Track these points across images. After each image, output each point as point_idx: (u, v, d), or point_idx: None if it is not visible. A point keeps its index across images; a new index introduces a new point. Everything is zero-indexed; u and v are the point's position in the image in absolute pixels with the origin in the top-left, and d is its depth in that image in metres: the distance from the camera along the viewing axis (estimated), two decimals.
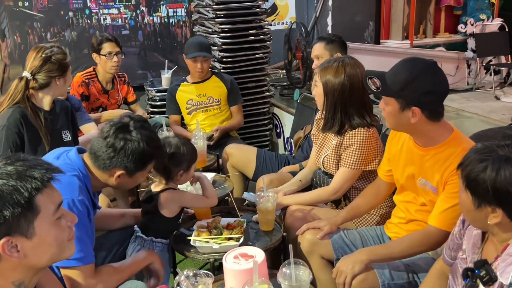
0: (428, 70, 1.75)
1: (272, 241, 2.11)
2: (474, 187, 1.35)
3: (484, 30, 5.57)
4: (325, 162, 2.46)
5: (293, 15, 5.72)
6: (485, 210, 1.35)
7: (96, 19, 4.89)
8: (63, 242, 1.21)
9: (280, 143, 4.47)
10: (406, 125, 1.81)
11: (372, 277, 1.85)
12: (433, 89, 1.74)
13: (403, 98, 1.75)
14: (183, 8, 5.13)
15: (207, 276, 1.63)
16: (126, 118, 1.84)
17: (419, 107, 1.74)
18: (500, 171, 1.30)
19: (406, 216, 2.02)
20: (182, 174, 2.12)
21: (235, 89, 3.72)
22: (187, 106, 3.65)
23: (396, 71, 1.79)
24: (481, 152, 1.37)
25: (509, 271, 1.31)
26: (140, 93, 4.62)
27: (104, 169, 1.81)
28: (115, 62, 3.59)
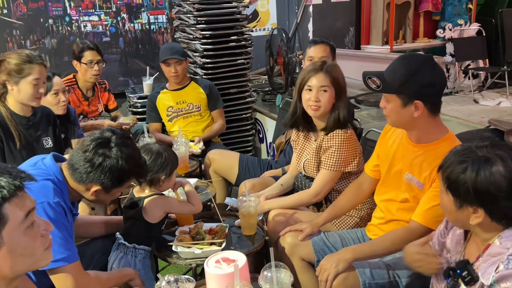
0: (426, 63, 1.78)
1: (254, 245, 2.11)
2: (455, 188, 1.37)
3: (462, 35, 5.68)
4: (305, 166, 2.47)
5: (274, 21, 5.75)
6: (466, 210, 1.37)
7: (77, 26, 4.86)
8: (37, 251, 1.18)
9: (263, 148, 4.48)
10: (408, 121, 1.82)
11: (353, 276, 1.87)
12: (433, 82, 1.77)
13: (405, 93, 1.77)
14: (164, 14, 5.13)
15: (189, 281, 1.63)
16: (108, 133, 1.80)
17: (421, 100, 1.76)
18: (480, 171, 1.32)
19: (386, 216, 2.04)
20: (164, 180, 2.12)
21: (214, 94, 3.71)
22: (168, 113, 3.64)
23: (394, 68, 1.81)
24: (461, 153, 1.39)
25: (490, 271, 1.32)
26: (122, 100, 4.60)
27: (80, 182, 1.78)
28: (95, 70, 3.57)
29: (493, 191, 1.31)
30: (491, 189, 1.31)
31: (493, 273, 1.31)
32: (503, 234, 1.36)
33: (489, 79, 5.62)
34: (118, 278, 1.93)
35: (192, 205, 2.17)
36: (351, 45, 5.73)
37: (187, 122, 3.63)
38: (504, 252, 1.33)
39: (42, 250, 1.19)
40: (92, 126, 3.46)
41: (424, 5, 5.70)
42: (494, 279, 1.30)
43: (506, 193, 1.32)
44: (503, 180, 1.31)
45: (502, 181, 1.31)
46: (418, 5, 5.73)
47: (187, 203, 2.19)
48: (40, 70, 2.46)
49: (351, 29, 5.70)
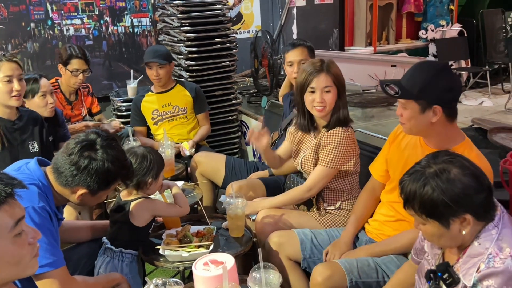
0: (443, 69, 1.82)
1: (243, 247, 2.10)
2: (434, 210, 1.36)
3: (444, 35, 5.75)
4: (303, 162, 2.46)
5: (259, 24, 5.76)
6: (455, 226, 1.36)
7: (59, 30, 4.81)
8: (24, 260, 1.16)
9: (249, 150, 4.48)
10: (426, 127, 1.83)
11: (339, 275, 1.88)
12: (452, 86, 1.80)
13: (424, 99, 1.77)
14: (147, 17, 5.11)
15: (177, 284, 1.62)
16: (93, 135, 1.78)
17: (440, 105, 1.77)
18: (445, 182, 1.34)
19: (396, 215, 2.05)
20: (151, 182, 2.10)
21: (200, 97, 3.70)
22: (153, 116, 3.62)
23: (412, 75, 1.83)
24: (416, 180, 1.39)
25: (472, 272, 1.34)
26: (106, 104, 4.56)
27: (66, 186, 1.76)
28: (79, 79, 3.54)
29: (465, 192, 1.33)
30: (463, 191, 1.33)
31: (474, 274, 1.32)
32: (481, 235, 1.38)
33: (472, 79, 5.69)
34: (106, 283, 1.91)
35: (179, 207, 2.17)
36: (335, 47, 5.76)
37: (172, 125, 3.61)
38: (484, 252, 1.34)
39: (29, 258, 1.18)
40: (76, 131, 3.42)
41: (407, 7, 5.75)
42: (476, 279, 1.31)
43: (475, 188, 1.34)
44: (466, 178, 1.34)
45: (466, 179, 1.34)
46: (400, 6, 5.78)
47: (174, 206, 2.17)
48: (9, 67, 2.42)
49: (334, 31, 5.73)
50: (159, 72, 3.48)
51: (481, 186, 1.35)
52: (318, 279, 1.86)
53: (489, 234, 1.36)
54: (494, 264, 1.30)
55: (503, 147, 2.55)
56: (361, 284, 1.88)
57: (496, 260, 1.30)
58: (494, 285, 1.28)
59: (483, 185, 1.36)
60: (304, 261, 2.12)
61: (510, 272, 1.27)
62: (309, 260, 2.12)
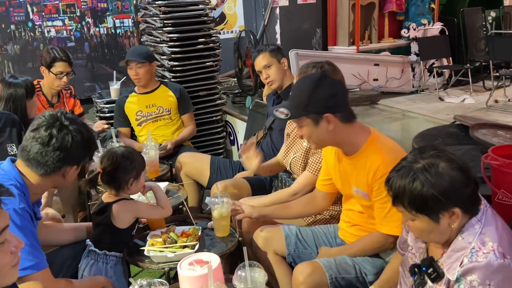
0: (320, 79, 1.84)
1: (228, 246, 2.10)
2: (424, 205, 1.37)
3: (426, 34, 5.79)
4: (292, 163, 2.49)
5: (242, 24, 5.75)
6: (444, 219, 1.37)
7: (40, 31, 4.76)
8: (4, 268, 1.14)
9: (234, 150, 4.47)
10: (327, 137, 1.86)
11: (319, 272, 1.90)
12: (334, 92, 1.82)
13: (312, 111, 1.81)
14: (130, 18, 5.07)
15: (162, 284, 1.60)
16: (53, 117, 1.78)
17: (330, 112, 1.80)
18: (433, 176, 1.35)
19: (351, 221, 2.10)
20: (132, 182, 2.08)
21: (184, 98, 3.68)
22: (137, 117, 3.59)
23: (294, 94, 1.88)
24: (405, 175, 1.40)
25: (455, 267, 1.35)
26: (89, 106, 4.52)
27: (51, 173, 1.75)
28: (63, 82, 3.51)
29: (453, 185, 1.34)
30: (451, 184, 1.34)
31: (458, 268, 1.34)
32: (464, 229, 1.39)
33: (453, 77, 5.75)
34: (91, 286, 1.89)
35: (161, 208, 2.15)
36: (318, 46, 5.78)
37: (156, 126, 3.58)
38: (467, 247, 1.35)
39: (9, 267, 1.16)
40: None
41: (388, 6, 5.78)
42: (459, 274, 1.33)
43: (463, 181, 1.36)
44: (454, 172, 1.35)
45: (453, 172, 1.35)
46: (382, 5, 5.81)
47: (156, 207, 2.16)
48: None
49: (318, 31, 5.74)
50: (138, 71, 3.46)
51: (468, 179, 1.37)
52: (300, 278, 1.88)
53: (473, 229, 1.37)
54: (477, 258, 1.31)
55: (485, 143, 2.58)
56: (341, 280, 1.90)
57: (479, 255, 1.31)
58: (477, 280, 1.29)
59: (470, 178, 1.37)
60: (289, 255, 2.14)
61: (492, 266, 1.29)
62: (294, 254, 2.14)
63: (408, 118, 4.33)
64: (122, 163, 2.06)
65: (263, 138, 3.12)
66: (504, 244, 1.34)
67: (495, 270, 1.28)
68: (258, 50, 3.06)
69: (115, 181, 2.06)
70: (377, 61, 5.43)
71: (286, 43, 4.86)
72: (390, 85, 5.42)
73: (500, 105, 4.75)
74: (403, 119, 4.34)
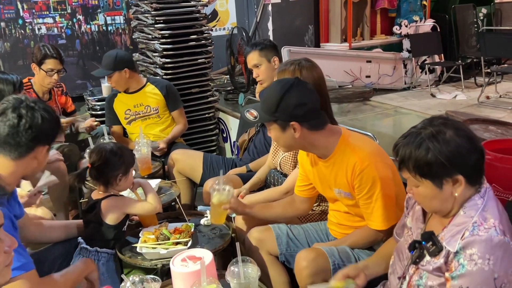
0: (292, 86, 1.82)
1: (221, 242, 2.09)
2: (429, 170, 1.38)
3: (417, 31, 5.81)
4: (282, 162, 2.49)
5: (234, 21, 5.74)
6: (447, 186, 1.38)
7: (30, 29, 4.72)
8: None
9: (227, 147, 4.47)
10: (295, 143, 1.87)
11: (323, 257, 1.90)
12: (302, 101, 1.81)
13: (280, 118, 1.82)
14: (121, 15, 5.04)
15: (154, 280, 1.60)
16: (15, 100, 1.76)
17: (297, 121, 1.80)
18: (441, 142, 1.36)
19: (338, 221, 2.11)
20: (121, 178, 2.07)
21: (172, 94, 3.61)
22: (126, 116, 3.55)
23: (265, 97, 1.87)
24: (411, 141, 1.40)
25: (456, 239, 1.36)
26: (81, 103, 4.49)
27: (25, 154, 1.72)
28: (54, 79, 3.48)
29: (459, 151, 1.35)
30: (458, 150, 1.35)
31: (459, 240, 1.34)
32: (467, 204, 1.40)
33: (445, 74, 5.77)
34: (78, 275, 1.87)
35: (150, 204, 2.12)
36: (310, 43, 5.78)
37: (146, 125, 3.54)
38: (469, 221, 1.36)
39: (3, 267, 1.15)
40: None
41: (380, 3, 5.79)
42: (460, 246, 1.33)
43: (470, 149, 1.37)
44: (461, 140, 1.36)
45: (461, 140, 1.36)
46: (374, 2, 5.82)
47: (145, 202, 2.14)
48: None
49: (310, 27, 5.74)
50: (109, 80, 3.45)
51: (474, 147, 1.38)
52: (303, 263, 1.87)
53: (475, 204, 1.38)
54: (479, 232, 1.32)
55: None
56: (343, 267, 1.89)
57: (480, 229, 1.32)
58: (477, 254, 1.30)
59: (476, 147, 1.38)
60: (282, 255, 2.13)
61: (493, 241, 1.30)
62: (286, 253, 2.13)
63: (401, 114, 4.35)
64: (111, 158, 2.05)
65: (255, 135, 3.11)
66: (504, 223, 1.36)
67: (496, 245, 1.30)
68: (251, 46, 3.04)
69: (103, 176, 2.06)
70: (370, 58, 5.44)
71: (279, 40, 4.85)
72: (382, 82, 5.43)
73: (491, 101, 4.78)
74: (395, 115, 4.35)
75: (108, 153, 2.06)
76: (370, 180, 1.81)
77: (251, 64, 3.01)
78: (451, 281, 1.34)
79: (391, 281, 1.64)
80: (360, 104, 4.59)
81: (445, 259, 1.38)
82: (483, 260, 1.29)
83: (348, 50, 5.52)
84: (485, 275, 1.29)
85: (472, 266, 1.30)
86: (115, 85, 3.44)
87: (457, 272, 1.33)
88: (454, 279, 1.33)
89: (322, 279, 1.87)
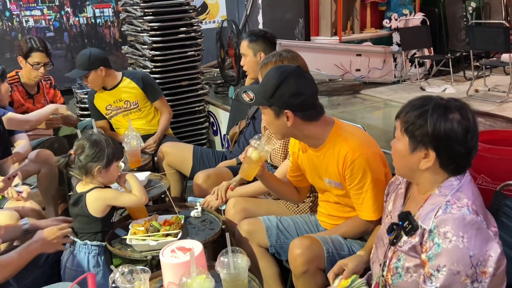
0: (291, 74, 1.82)
1: (211, 234, 2.09)
2: (412, 130, 1.41)
3: (407, 24, 5.82)
4: (272, 154, 2.49)
5: (224, 14, 5.72)
6: (418, 154, 1.41)
7: (18, 21, 4.66)
8: None
9: (217, 141, 4.46)
10: (286, 131, 1.87)
11: (317, 245, 1.91)
12: (299, 91, 1.81)
13: (275, 104, 1.82)
14: (110, 8, 5.00)
15: (144, 271, 1.59)
16: None
17: (291, 110, 1.81)
18: (440, 116, 1.38)
19: (328, 212, 2.12)
20: (101, 171, 2.05)
21: (149, 85, 3.50)
22: (107, 112, 3.49)
23: (264, 81, 1.87)
24: (422, 99, 1.44)
25: (430, 217, 1.37)
26: (69, 97, 4.46)
27: None
28: (40, 73, 3.43)
29: (450, 134, 1.37)
30: (448, 133, 1.37)
31: (432, 219, 1.36)
32: (443, 184, 1.43)
33: (434, 67, 5.80)
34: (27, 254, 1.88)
35: (134, 196, 2.10)
36: (301, 37, 5.77)
37: (127, 119, 3.48)
38: (442, 199, 1.39)
39: None
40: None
41: None
42: (434, 225, 1.35)
43: (460, 140, 1.38)
44: (460, 127, 1.37)
45: (459, 128, 1.37)
46: None
47: (130, 194, 2.12)
48: None
49: (300, 21, 5.74)
50: (86, 81, 3.35)
51: (465, 141, 1.39)
52: (298, 250, 1.88)
53: (451, 184, 1.41)
54: (451, 210, 1.34)
55: None
56: (337, 255, 1.91)
57: (453, 207, 1.35)
58: (451, 231, 1.32)
59: (467, 143, 1.39)
60: (272, 247, 2.14)
61: (465, 220, 1.32)
62: (276, 245, 2.14)
63: (390, 107, 4.36)
64: (90, 149, 2.04)
65: (245, 127, 3.10)
66: (477, 204, 1.38)
67: (468, 223, 1.32)
68: (247, 33, 3.03)
69: (82, 165, 2.05)
70: (359, 51, 5.45)
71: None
72: (372, 75, 5.44)
73: (480, 94, 4.82)
74: (385, 108, 4.37)
75: (89, 143, 2.05)
76: (361, 171, 1.82)
77: (241, 51, 3.02)
78: (428, 263, 1.36)
79: (374, 269, 1.65)
80: (350, 97, 4.60)
81: (420, 238, 1.40)
82: (457, 237, 1.31)
83: (338, 44, 5.52)
84: (461, 252, 1.30)
85: (447, 244, 1.32)
86: (91, 84, 3.35)
87: (432, 251, 1.34)
88: (430, 260, 1.35)
89: (316, 266, 1.88)
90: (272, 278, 2.17)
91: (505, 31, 4.83)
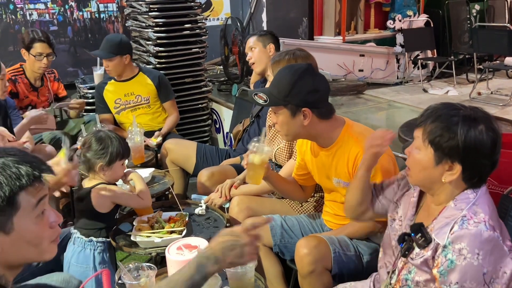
0: (306, 71, 1.82)
1: (216, 232, 2.08)
2: (440, 142, 1.35)
3: (411, 25, 5.82)
4: (277, 153, 2.48)
5: (228, 11, 5.70)
6: (443, 167, 1.37)
7: (22, 14, 4.65)
8: (44, 242, 1.12)
9: (220, 138, 4.45)
10: (301, 131, 1.86)
11: (325, 245, 1.90)
12: (316, 88, 1.81)
13: (291, 103, 1.81)
14: (114, 3, 4.98)
15: (150, 268, 1.58)
16: None
17: (309, 107, 1.80)
18: (471, 128, 1.33)
19: (334, 212, 2.11)
20: (104, 168, 2.05)
21: (164, 85, 3.56)
22: (115, 105, 3.50)
23: (277, 81, 1.85)
24: (446, 107, 1.39)
25: (445, 231, 1.34)
26: (72, 91, 4.44)
27: None
28: (43, 63, 3.42)
29: (479, 148, 1.33)
30: (477, 146, 1.33)
31: (448, 234, 1.33)
32: (459, 197, 1.39)
33: (437, 69, 5.79)
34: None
35: (140, 199, 2.11)
36: (304, 36, 5.77)
37: (136, 115, 3.46)
38: (458, 213, 1.35)
39: (48, 242, 1.13)
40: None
41: None
42: (449, 240, 1.32)
43: (488, 152, 1.35)
44: (488, 139, 1.34)
45: (488, 140, 1.34)
46: None
47: (134, 196, 2.12)
48: None
49: (304, 20, 5.73)
50: (108, 63, 3.38)
51: (492, 154, 1.35)
52: (304, 250, 1.87)
53: (467, 197, 1.37)
54: (468, 226, 1.30)
55: None
56: (344, 256, 1.91)
57: (470, 223, 1.31)
58: (466, 248, 1.29)
59: (493, 156, 1.36)
60: (276, 246, 2.13)
61: (482, 236, 1.28)
62: (280, 244, 2.13)
63: (394, 108, 4.36)
64: (94, 146, 2.05)
65: (250, 125, 3.10)
66: (494, 219, 1.35)
67: (485, 240, 1.28)
68: (252, 34, 3.13)
69: (86, 161, 2.07)
70: (363, 51, 5.44)
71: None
72: (375, 76, 5.44)
73: (482, 97, 4.81)
74: (388, 109, 4.36)
75: (94, 140, 2.06)
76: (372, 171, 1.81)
77: (247, 47, 3.08)
78: (439, 278, 1.33)
79: (381, 274, 1.64)
80: (353, 97, 4.60)
81: (433, 252, 1.36)
82: (472, 254, 1.28)
83: (341, 44, 5.51)
84: (474, 270, 1.28)
85: (461, 261, 1.29)
86: (112, 69, 3.39)
87: (445, 267, 1.31)
88: (442, 275, 1.32)
89: (323, 266, 1.88)
90: (276, 278, 2.16)
91: (509, 34, 4.82)
